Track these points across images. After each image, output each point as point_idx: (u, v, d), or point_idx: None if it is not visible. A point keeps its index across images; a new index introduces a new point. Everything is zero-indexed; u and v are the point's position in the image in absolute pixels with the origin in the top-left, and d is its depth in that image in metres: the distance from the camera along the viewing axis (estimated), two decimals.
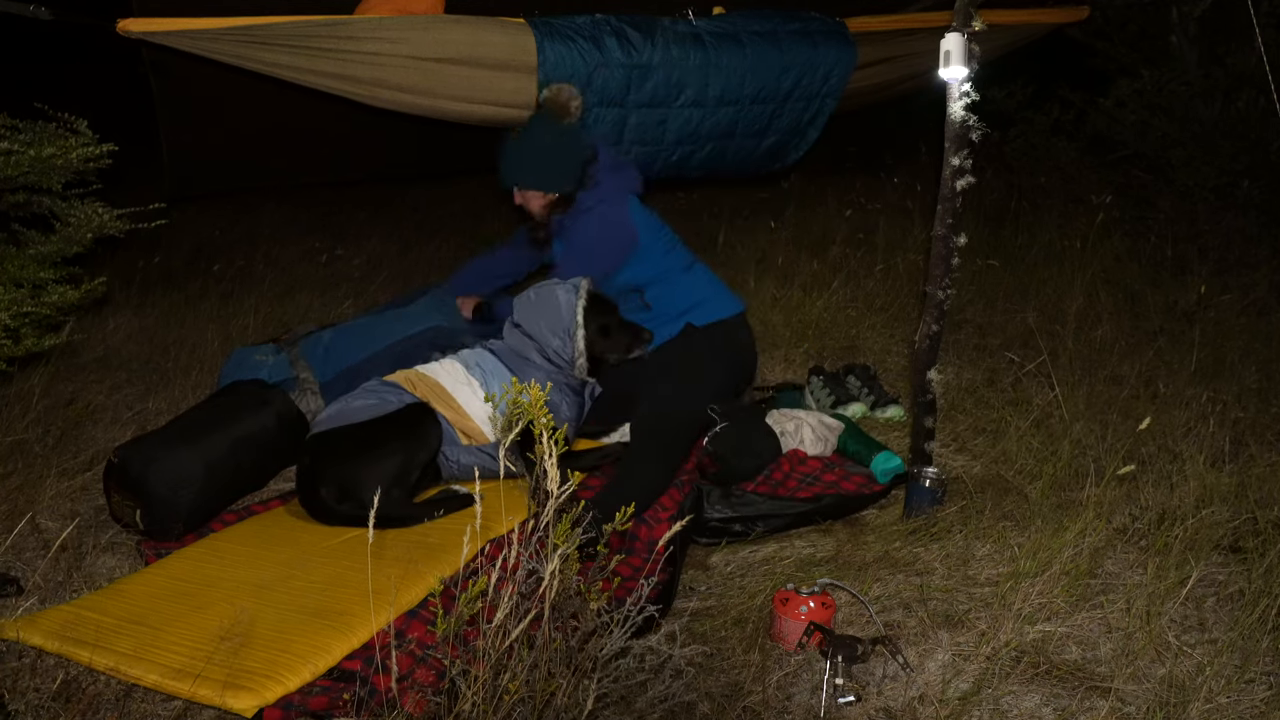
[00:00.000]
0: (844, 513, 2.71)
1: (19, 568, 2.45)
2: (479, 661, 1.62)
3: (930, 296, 2.50)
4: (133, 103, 4.13)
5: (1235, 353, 3.62)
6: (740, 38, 3.58)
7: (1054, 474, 2.72)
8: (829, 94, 3.89)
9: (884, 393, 3.43)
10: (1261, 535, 2.34)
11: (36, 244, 2.76)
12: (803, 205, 5.76)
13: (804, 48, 3.70)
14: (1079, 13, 4.59)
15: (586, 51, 3.22)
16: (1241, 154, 4.64)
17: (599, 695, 1.73)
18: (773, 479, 2.91)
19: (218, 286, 4.93)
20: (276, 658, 1.98)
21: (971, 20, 2.32)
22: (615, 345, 2.98)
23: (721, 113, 3.70)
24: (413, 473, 2.74)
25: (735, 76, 3.59)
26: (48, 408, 3.28)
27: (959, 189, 2.39)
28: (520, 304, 3.03)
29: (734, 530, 2.60)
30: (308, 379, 3.21)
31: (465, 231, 6.45)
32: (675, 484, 2.81)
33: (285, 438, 2.96)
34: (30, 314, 2.67)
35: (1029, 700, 1.91)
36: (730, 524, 2.60)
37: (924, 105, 3.49)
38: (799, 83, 3.76)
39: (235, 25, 2.76)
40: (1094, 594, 2.22)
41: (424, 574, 2.30)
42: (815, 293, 4.26)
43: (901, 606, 2.24)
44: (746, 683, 1.99)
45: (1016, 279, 4.53)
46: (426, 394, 2.87)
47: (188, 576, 2.39)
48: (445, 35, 3.07)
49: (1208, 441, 2.84)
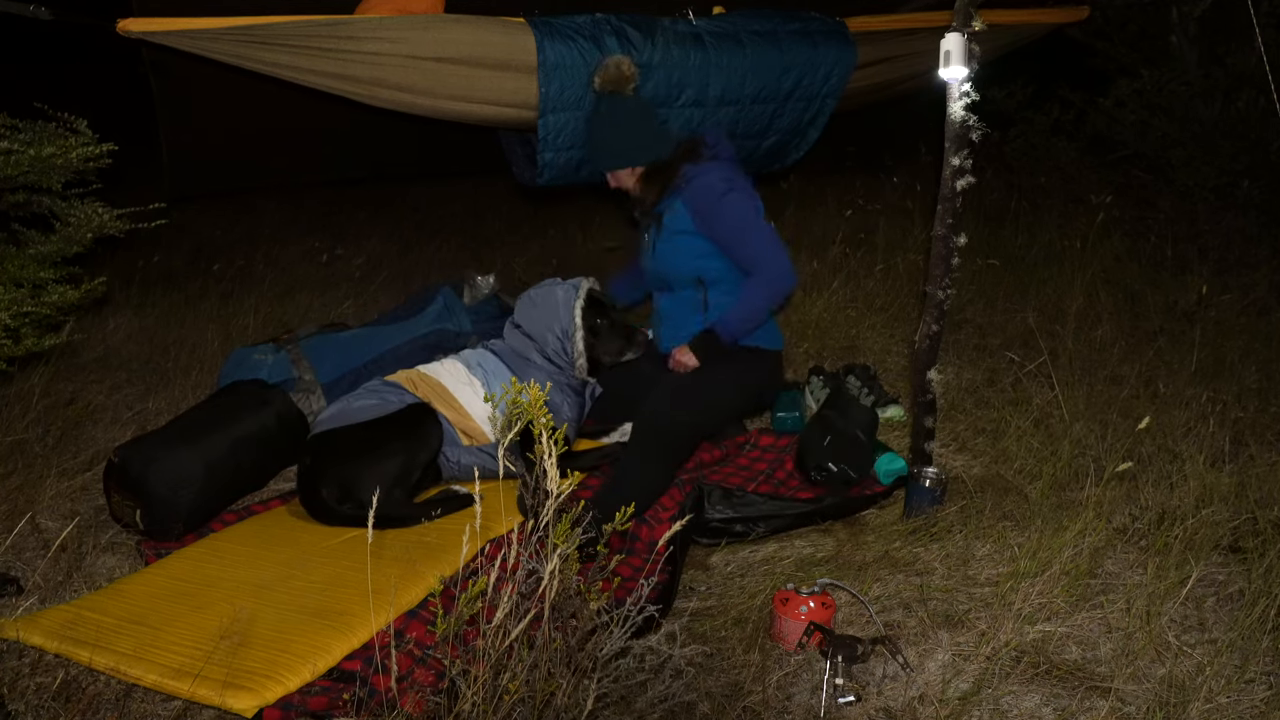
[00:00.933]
0: (845, 513, 2.71)
1: (19, 568, 2.45)
2: (479, 661, 1.62)
3: (930, 296, 2.50)
4: (133, 103, 4.13)
5: (1235, 353, 3.62)
6: (740, 38, 3.58)
7: (1054, 474, 2.72)
8: (829, 94, 3.88)
9: (884, 393, 3.43)
10: (1261, 535, 2.34)
11: (36, 244, 2.76)
12: (803, 205, 5.75)
13: (804, 47, 3.70)
14: (1079, 13, 4.59)
15: (587, 51, 3.21)
16: (1241, 154, 4.64)
17: (599, 695, 1.73)
18: (775, 478, 2.91)
19: (218, 286, 4.93)
20: (276, 658, 1.98)
21: (971, 20, 2.32)
22: (608, 348, 2.98)
23: (722, 113, 3.69)
24: (414, 473, 2.75)
25: (736, 76, 3.58)
26: (48, 408, 3.28)
27: (959, 189, 2.39)
28: (521, 304, 3.02)
29: (735, 530, 2.60)
30: (309, 379, 3.21)
31: (465, 231, 6.45)
32: (676, 484, 2.81)
33: (285, 438, 2.96)
34: (30, 314, 2.67)
35: (1029, 700, 1.91)
36: (731, 524, 2.60)
37: (924, 105, 3.49)
38: (799, 83, 3.76)
39: (235, 25, 2.75)
40: (1094, 594, 2.22)
41: (424, 574, 2.30)
42: (815, 293, 4.26)
43: (901, 606, 2.24)
44: (746, 683, 1.99)
45: (1016, 279, 4.53)
46: (428, 394, 2.88)
47: (188, 576, 2.39)
48: (445, 35, 3.07)
49: (1208, 441, 2.84)
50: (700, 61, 3.48)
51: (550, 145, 3.32)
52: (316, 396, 3.18)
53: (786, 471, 2.95)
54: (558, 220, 6.30)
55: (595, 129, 3.12)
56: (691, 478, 2.85)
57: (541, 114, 3.27)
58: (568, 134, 3.31)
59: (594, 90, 3.13)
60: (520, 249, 5.94)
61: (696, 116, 3.65)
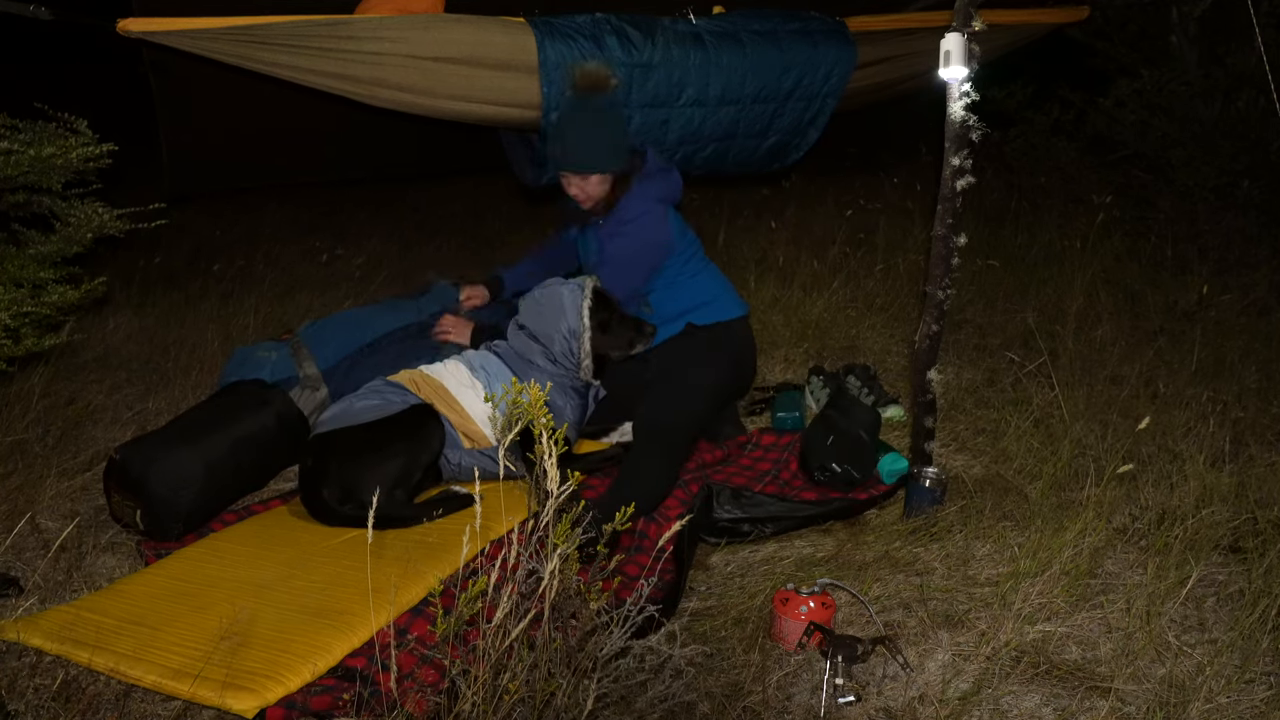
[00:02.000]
0: (851, 514, 2.70)
1: (19, 568, 2.45)
2: (479, 661, 1.62)
3: (930, 296, 2.50)
4: (133, 103, 4.13)
5: (1235, 353, 3.62)
6: (740, 37, 3.58)
7: (1054, 474, 2.72)
8: (830, 93, 3.88)
9: (884, 392, 3.43)
10: (1261, 535, 2.35)
11: (36, 244, 2.76)
12: (803, 205, 5.76)
13: (804, 47, 3.70)
14: (1079, 13, 4.59)
15: (587, 50, 3.21)
16: (1241, 154, 4.64)
17: (599, 695, 1.73)
18: (780, 478, 2.91)
19: (218, 286, 4.93)
20: (277, 657, 1.98)
21: (971, 20, 2.32)
22: (617, 342, 2.96)
23: (723, 112, 3.70)
24: (415, 474, 2.75)
25: (736, 76, 3.59)
26: (48, 408, 3.28)
27: (959, 189, 2.39)
28: (526, 305, 3.01)
29: (742, 530, 2.60)
30: (313, 374, 3.20)
31: (465, 231, 6.45)
32: (680, 483, 2.81)
33: (285, 438, 2.96)
34: (30, 314, 2.67)
35: (1029, 700, 1.91)
36: (739, 524, 2.60)
37: (924, 105, 3.49)
38: (800, 82, 3.76)
39: (235, 25, 2.76)
40: (1094, 594, 2.22)
41: (424, 574, 2.30)
42: (815, 293, 4.27)
43: (901, 606, 2.24)
44: (746, 683, 1.99)
45: (1016, 279, 4.53)
46: (430, 396, 2.87)
47: (188, 576, 2.39)
48: (445, 35, 3.07)
49: (1208, 441, 2.84)
50: (700, 61, 3.49)
51: None
52: (321, 393, 3.16)
53: (791, 472, 2.96)
54: (558, 220, 6.29)
55: (568, 128, 3.05)
56: (697, 476, 2.86)
57: (545, 113, 3.27)
58: None
59: (573, 90, 3.10)
60: (520, 249, 5.93)
61: (698, 116, 3.65)
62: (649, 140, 3.54)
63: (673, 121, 3.59)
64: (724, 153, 3.90)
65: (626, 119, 3.34)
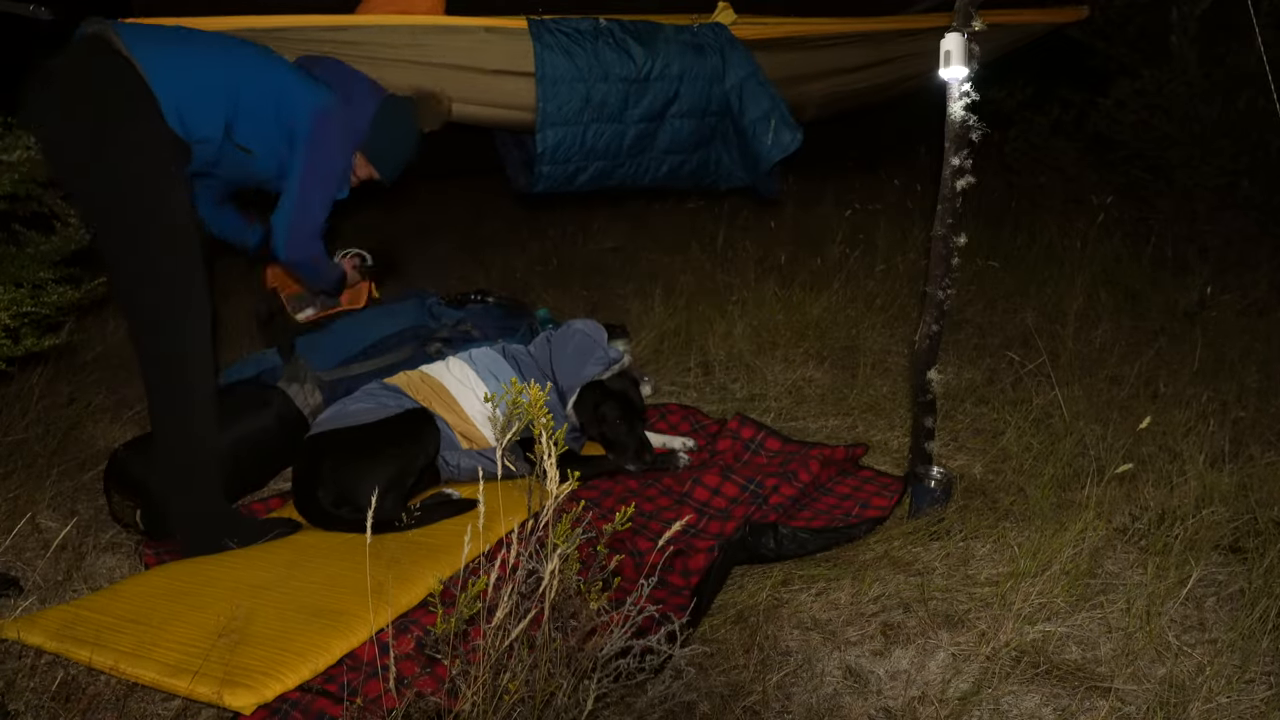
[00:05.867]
0: (875, 527, 2.59)
1: (19, 568, 2.45)
2: (479, 662, 1.62)
3: (930, 296, 2.50)
4: None
5: (1235, 353, 3.62)
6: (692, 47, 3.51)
7: (1054, 474, 2.72)
8: (747, 78, 3.66)
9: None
10: (1261, 535, 2.35)
11: (36, 244, 2.76)
12: (803, 205, 5.75)
13: (691, 56, 3.58)
14: (1079, 13, 4.59)
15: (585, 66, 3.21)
16: (1241, 154, 4.64)
17: (599, 695, 1.73)
18: (801, 501, 2.73)
19: (217, 286, 4.91)
20: (275, 656, 1.98)
21: (971, 20, 2.32)
22: (600, 435, 3.00)
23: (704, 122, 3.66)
24: (408, 478, 2.72)
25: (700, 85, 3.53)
26: (48, 408, 3.28)
27: (959, 189, 2.39)
28: (556, 340, 3.05)
29: (784, 554, 2.46)
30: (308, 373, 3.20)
31: (465, 231, 6.45)
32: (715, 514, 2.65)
33: (285, 438, 2.96)
34: (30, 314, 2.68)
35: (1029, 700, 1.91)
36: (782, 556, 2.47)
37: (924, 105, 3.49)
38: (711, 90, 3.62)
39: (235, 26, 2.76)
40: (1094, 594, 2.22)
41: (423, 574, 2.30)
42: (815, 293, 4.26)
43: (901, 606, 2.24)
44: (746, 683, 1.99)
45: (1016, 279, 4.53)
46: (428, 396, 2.87)
47: (187, 576, 2.39)
48: (446, 39, 3.08)
49: (1208, 441, 2.84)
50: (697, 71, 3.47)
51: (548, 159, 3.32)
52: (315, 392, 3.16)
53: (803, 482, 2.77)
54: (557, 221, 6.30)
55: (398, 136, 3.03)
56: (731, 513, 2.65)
57: (539, 128, 3.26)
58: (565, 148, 3.31)
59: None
60: (520, 249, 5.94)
61: (687, 128, 3.60)
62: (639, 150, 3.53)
63: (660, 135, 3.57)
64: (704, 163, 3.82)
65: (620, 134, 3.34)
